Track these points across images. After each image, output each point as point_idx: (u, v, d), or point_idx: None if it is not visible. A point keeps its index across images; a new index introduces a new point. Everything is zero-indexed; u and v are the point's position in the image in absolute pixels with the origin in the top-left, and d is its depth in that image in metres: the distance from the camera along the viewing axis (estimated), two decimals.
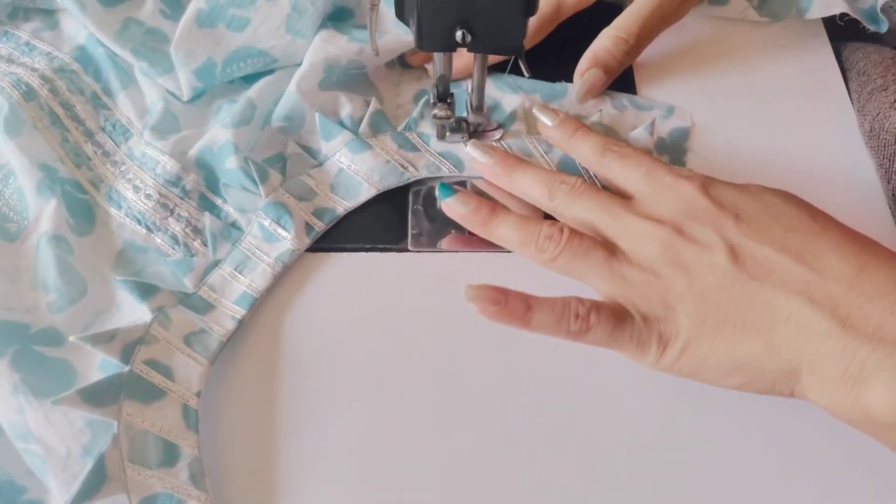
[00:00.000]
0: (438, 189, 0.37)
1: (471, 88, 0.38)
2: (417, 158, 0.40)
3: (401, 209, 0.39)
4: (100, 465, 0.30)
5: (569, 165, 0.39)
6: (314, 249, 0.38)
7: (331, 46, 0.40)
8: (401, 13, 0.33)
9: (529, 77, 0.40)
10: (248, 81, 0.42)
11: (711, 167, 0.40)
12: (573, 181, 0.35)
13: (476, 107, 0.39)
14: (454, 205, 0.36)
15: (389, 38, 0.41)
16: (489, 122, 0.41)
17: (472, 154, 0.38)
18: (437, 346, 0.35)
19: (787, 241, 0.30)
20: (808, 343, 0.28)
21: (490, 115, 0.41)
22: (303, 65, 0.40)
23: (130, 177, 0.39)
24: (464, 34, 0.32)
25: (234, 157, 0.38)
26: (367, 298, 0.37)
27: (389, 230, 0.38)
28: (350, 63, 0.40)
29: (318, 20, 0.41)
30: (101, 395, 0.31)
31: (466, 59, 0.41)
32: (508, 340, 0.35)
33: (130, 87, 0.42)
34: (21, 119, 0.39)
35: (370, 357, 0.35)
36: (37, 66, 0.42)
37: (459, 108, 0.40)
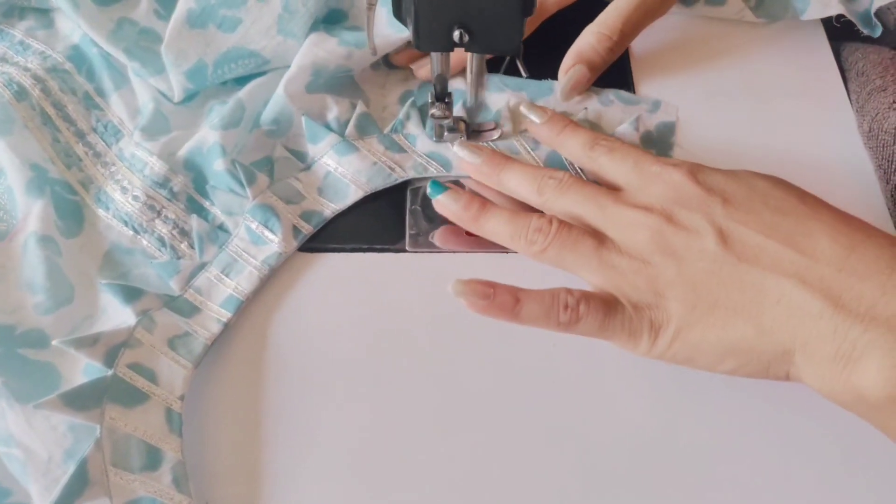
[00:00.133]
0: (430, 186, 0.37)
1: (469, 87, 0.37)
2: (404, 160, 0.39)
3: (398, 209, 0.39)
4: (82, 469, 0.30)
5: (556, 162, 0.39)
6: (311, 250, 0.37)
7: (319, 50, 0.40)
8: (398, 13, 0.33)
9: (527, 77, 0.40)
10: (240, 83, 0.42)
11: (704, 164, 0.40)
12: (561, 175, 0.35)
13: (472, 106, 0.38)
14: (445, 201, 0.36)
15: (384, 38, 0.40)
16: (485, 122, 0.40)
17: (460, 154, 0.38)
18: (431, 346, 0.35)
19: (777, 224, 0.30)
20: (801, 324, 0.28)
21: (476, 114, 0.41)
22: (291, 68, 0.40)
23: (119, 178, 0.39)
24: (461, 34, 0.31)
25: (222, 160, 0.37)
26: (363, 299, 0.36)
27: (387, 230, 0.38)
28: (338, 67, 0.40)
29: (310, 21, 0.40)
30: (84, 399, 0.31)
31: (459, 54, 0.41)
32: (507, 341, 0.34)
33: (124, 88, 0.42)
34: (12, 118, 0.39)
35: (361, 358, 0.35)
36: (29, 66, 0.42)
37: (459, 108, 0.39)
